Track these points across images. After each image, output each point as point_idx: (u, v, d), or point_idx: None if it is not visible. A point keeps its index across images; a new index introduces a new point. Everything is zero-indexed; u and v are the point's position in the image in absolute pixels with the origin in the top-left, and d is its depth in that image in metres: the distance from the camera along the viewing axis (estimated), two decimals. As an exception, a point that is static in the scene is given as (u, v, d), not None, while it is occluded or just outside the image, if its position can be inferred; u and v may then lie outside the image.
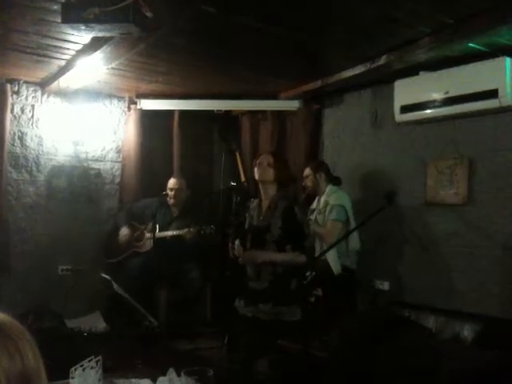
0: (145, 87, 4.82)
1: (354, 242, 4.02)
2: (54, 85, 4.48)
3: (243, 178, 5.16)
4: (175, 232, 4.62)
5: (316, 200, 4.28)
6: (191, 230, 4.50)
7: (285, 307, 2.96)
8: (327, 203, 4.07)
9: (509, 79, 3.40)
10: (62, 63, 4.06)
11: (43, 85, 4.70)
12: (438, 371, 1.18)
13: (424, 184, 4.05)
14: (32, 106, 4.75)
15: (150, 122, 5.20)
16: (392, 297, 4.15)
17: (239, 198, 4.32)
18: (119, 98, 5.21)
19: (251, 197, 3.89)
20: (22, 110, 4.72)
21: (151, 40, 3.29)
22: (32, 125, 4.76)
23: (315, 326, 3.01)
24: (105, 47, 3.41)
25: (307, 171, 4.28)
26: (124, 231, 4.77)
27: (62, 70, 4.19)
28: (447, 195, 3.90)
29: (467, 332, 3.43)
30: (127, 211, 4.93)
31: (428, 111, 3.85)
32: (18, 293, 4.50)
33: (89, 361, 1.87)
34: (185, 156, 5.33)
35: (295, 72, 4.35)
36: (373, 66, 3.78)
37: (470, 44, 3.29)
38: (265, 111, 5.19)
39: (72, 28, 2.61)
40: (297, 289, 2.89)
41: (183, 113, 5.24)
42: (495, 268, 3.63)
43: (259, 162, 3.22)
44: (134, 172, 5.16)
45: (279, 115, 5.13)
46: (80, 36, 3.30)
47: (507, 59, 3.40)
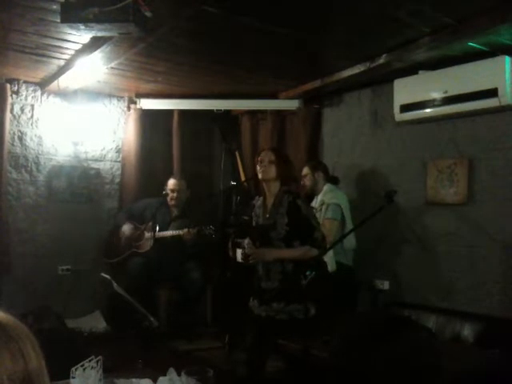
0: (144, 87, 4.82)
1: (350, 241, 4.01)
2: (54, 85, 4.48)
3: (243, 178, 5.16)
4: (175, 232, 4.62)
5: (315, 199, 4.28)
6: (191, 231, 4.49)
7: (297, 305, 2.95)
8: (323, 202, 4.08)
9: (508, 78, 3.40)
10: (62, 63, 4.06)
11: (43, 85, 4.69)
12: (439, 371, 1.18)
13: (424, 183, 4.05)
14: (32, 106, 4.75)
15: (150, 122, 5.20)
16: (392, 296, 4.15)
17: (239, 198, 4.32)
18: (119, 98, 5.21)
19: (252, 196, 3.88)
20: (22, 110, 4.71)
21: (151, 40, 3.29)
22: (32, 125, 4.75)
23: (316, 327, 3.00)
24: (104, 47, 3.41)
25: (305, 170, 4.29)
26: (126, 228, 4.77)
27: (62, 70, 4.19)
28: (447, 195, 3.90)
29: (467, 332, 3.43)
30: (127, 211, 4.93)
31: (428, 110, 3.85)
32: (19, 293, 4.50)
33: (89, 361, 1.87)
34: (184, 156, 5.33)
35: (295, 72, 4.35)
36: (372, 66, 3.78)
37: (470, 43, 3.30)
38: (265, 111, 5.19)
39: (71, 28, 2.60)
40: (308, 285, 2.86)
41: (183, 112, 5.24)
42: (495, 268, 3.63)
43: (261, 160, 3.20)
44: (134, 172, 5.16)
45: (279, 115, 5.13)
46: (79, 36, 3.30)
47: (507, 58, 3.40)
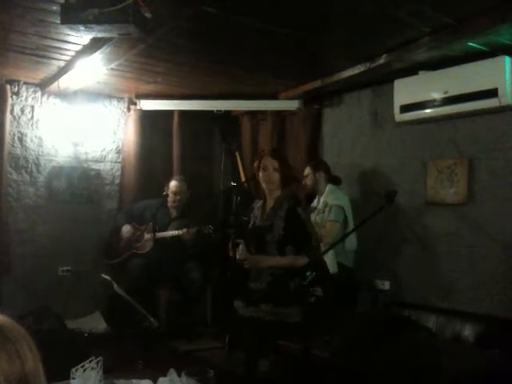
0: (144, 88, 4.82)
1: (351, 242, 4.02)
2: (54, 86, 4.48)
3: (243, 179, 5.16)
4: (174, 232, 4.62)
5: (316, 199, 4.28)
6: (190, 230, 4.50)
7: (284, 308, 2.95)
8: (326, 203, 4.08)
9: (508, 78, 3.40)
10: (62, 64, 4.06)
11: (43, 86, 4.70)
12: (439, 371, 1.18)
13: (424, 184, 4.05)
14: (32, 107, 4.75)
15: (150, 123, 5.20)
16: (392, 296, 4.15)
17: (239, 199, 4.32)
18: (119, 99, 5.22)
19: (252, 197, 3.88)
20: (22, 111, 4.72)
21: (151, 40, 3.29)
22: (32, 126, 4.76)
23: (316, 327, 3.00)
24: (104, 48, 3.41)
25: (307, 170, 4.29)
26: (126, 229, 4.77)
27: (62, 71, 4.19)
28: (447, 195, 3.90)
29: (467, 332, 3.43)
30: (126, 212, 4.93)
31: (428, 111, 3.85)
32: (19, 293, 4.50)
33: (89, 361, 1.87)
34: (185, 156, 5.33)
35: (295, 72, 4.35)
36: (372, 66, 3.78)
37: (470, 43, 3.29)
38: (265, 111, 5.19)
39: (71, 29, 2.60)
40: (296, 290, 2.87)
41: (183, 113, 5.24)
42: (495, 268, 3.63)
43: (264, 167, 3.19)
44: (134, 173, 5.16)
45: (279, 115, 5.13)
46: (79, 37, 3.30)
47: (507, 58, 3.40)
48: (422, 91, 3.86)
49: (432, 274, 3.99)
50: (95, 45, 3.45)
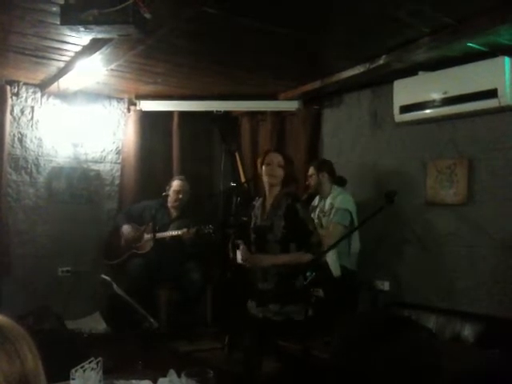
0: (144, 88, 4.82)
1: (356, 244, 4.02)
2: (54, 86, 4.48)
3: (243, 179, 5.16)
4: (174, 232, 4.62)
5: (317, 198, 4.27)
6: (190, 230, 4.50)
7: (293, 306, 2.95)
8: (332, 206, 4.04)
9: (508, 79, 3.40)
10: (62, 65, 4.06)
11: (43, 86, 4.70)
12: (439, 371, 1.18)
13: (424, 184, 4.05)
14: (31, 108, 4.75)
15: (150, 123, 5.20)
16: (392, 297, 4.15)
17: (239, 199, 4.32)
18: (118, 100, 5.22)
19: (251, 197, 3.88)
20: (22, 112, 4.72)
21: (150, 41, 3.29)
22: (32, 126, 4.75)
23: (316, 327, 3.00)
24: (104, 49, 3.41)
25: (311, 170, 4.24)
26: (126, 229, 4.77)
27: (62, 72, 4.19)
28: (447, 195, 3.90)
29: (467, 332, 3.43)
30: (126, 213, 4.92)
31: (427, 111, 3.85)
32: (19, 294, 4.50)
33: (89, 362, 1.87)
34: (184, 157, 5.33)
35: (295, 72, 4.35)
36: (372, 66, 3.78)
37: (470, 44, 3.30)
38: (264, 112, 5.19)
39: (71, 30, 2.60)
40: (301, 288, 2.87)
41: (183, 114, 5.24)
42: (495, 268, 3.63)
43: (268, 162, 3.18)
44: (134, 173, 5.16)
45: (279, 116, 5.13)
46: (79, 38, 3.30)
47: (506, 59, 3.40)
48: (422, 92, 3.86)
49: (432, 274, 3.99)
50: (95, 46, 3.45)
